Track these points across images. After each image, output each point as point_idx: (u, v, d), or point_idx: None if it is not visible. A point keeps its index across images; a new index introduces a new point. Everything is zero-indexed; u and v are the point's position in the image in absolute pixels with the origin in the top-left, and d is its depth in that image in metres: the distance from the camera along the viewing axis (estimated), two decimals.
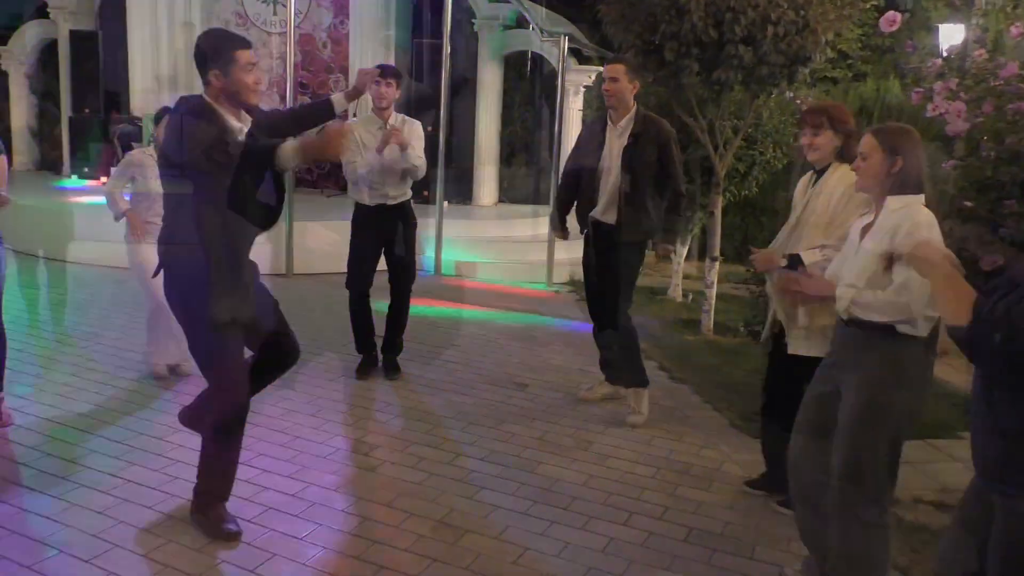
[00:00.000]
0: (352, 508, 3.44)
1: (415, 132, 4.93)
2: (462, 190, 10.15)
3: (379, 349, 5.15)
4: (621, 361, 4.74)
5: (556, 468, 3.93)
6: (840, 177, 3.28)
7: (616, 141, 4.47)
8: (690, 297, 7.79)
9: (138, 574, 2.87)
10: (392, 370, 5.10)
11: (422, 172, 4.99)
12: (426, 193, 8.78)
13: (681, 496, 3.73)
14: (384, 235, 4.96)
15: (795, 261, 3.27)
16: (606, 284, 4.67)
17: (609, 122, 4.53)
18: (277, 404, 4.50)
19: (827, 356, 2.96)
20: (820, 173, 3.38)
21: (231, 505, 3.22)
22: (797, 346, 3.36)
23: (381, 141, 4.76)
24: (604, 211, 4.51)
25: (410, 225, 5.07)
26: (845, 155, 3.25)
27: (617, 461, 4.06)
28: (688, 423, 4.63)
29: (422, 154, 4.94)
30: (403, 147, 4.76)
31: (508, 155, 10.47)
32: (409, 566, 3.03)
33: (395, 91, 4.86)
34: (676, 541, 3.34)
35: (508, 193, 10.56)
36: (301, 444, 4.04)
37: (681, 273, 7.93)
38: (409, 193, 5.07)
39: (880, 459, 2.69)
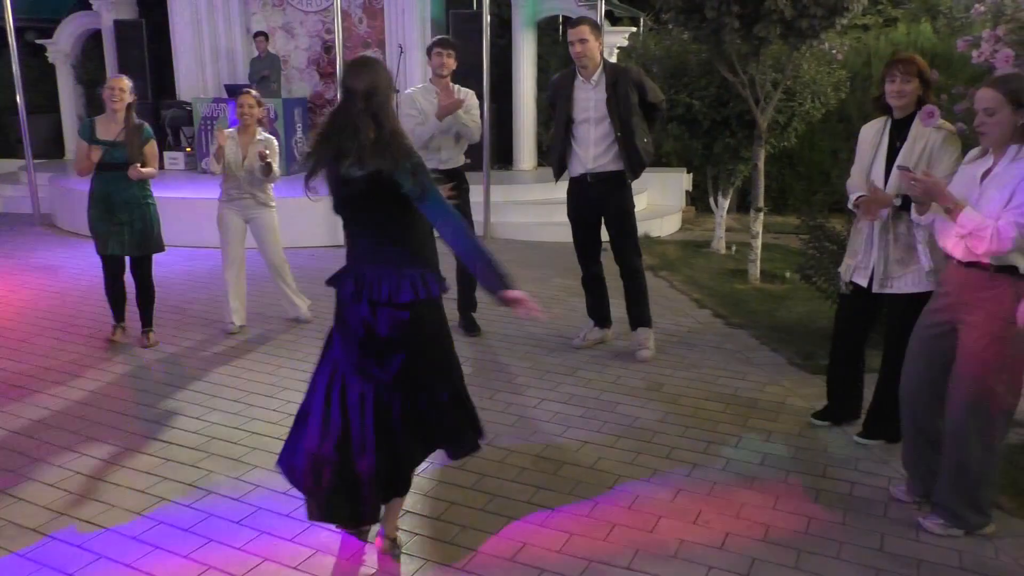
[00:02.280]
0: None
1: (472, 100, 5.23)
2: (502, 155, 10.41)
3: (458, 308, 5.51)
4: (634, 302, 5.08)
5: (633, 407, 4.26)
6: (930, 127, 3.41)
7: (591, 94, 4.80)
8: (734, 249, 8.04)
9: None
10: (473, 327, 5.48)
11: (477, 135, 5.30)
12: (469, 160, 9.05)
13: (752, 427, 4.05)
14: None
15: (907, 202, 3.38)
16: (611, 232, 5.03)
17: (580, 78, 4.86)
18: None
19: (938, 296, 3.14)
20: (900, 124, 3.52)
21: None
22: (912, 287, 3.54)
23: (443, 108, 5.05)
24: (595, 160, 4.83)
25: (463, 190, 5.37)
26: (922, 104, 3.43)
27: (688, 399, 4.38)
28: (749, 363, 4.93)
29: (478, 120, 5.25)
30: (458, 110, 5.06)
31: (546, 119, 10.67)
32: (517, 493, 3.39)
33: (454, 61, 5.17)
34: (752, 465, 3.66)
35: (547, 156, 10.79)
36: None
37: (724, 226, 8.16)
38: (463, 159, 5.37)
39: (1001, 390, 2.94)
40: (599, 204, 4.98)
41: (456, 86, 5.31)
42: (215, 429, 4.01)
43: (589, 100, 4.81)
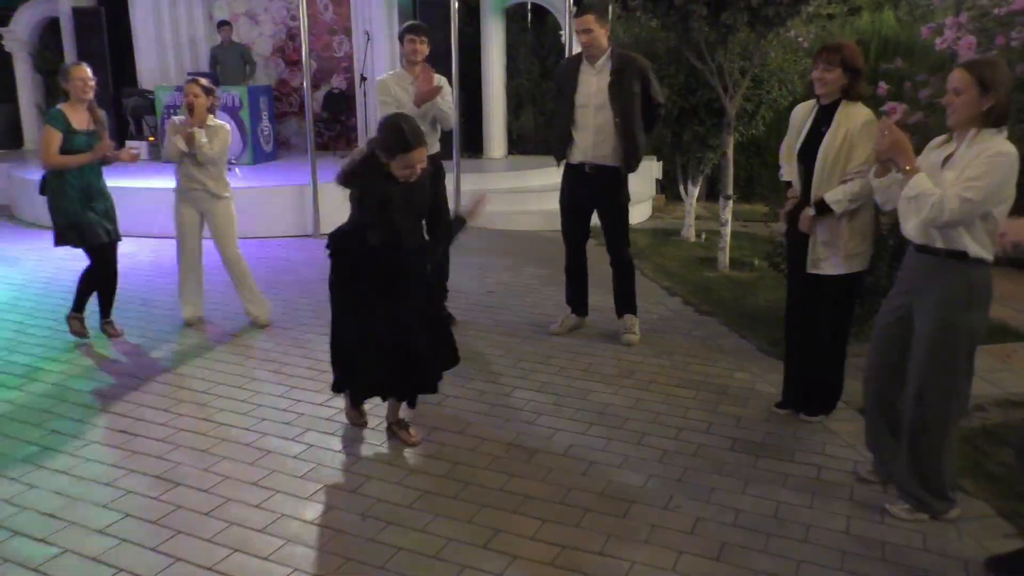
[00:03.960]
0: (428, 437, 3.79)
1: (446, 87, 5.20)
2: (472, 144, 10.36)
3: None
4: (627, 289, 5.13)
5: (605, 394, 4.28)
6: (851, 114, 3.52)
7: (595, 80, 4.80)
8: (703, 236, 8.09)
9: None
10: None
11: (451, 122, 5.27)
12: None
13: (722, 412, 4.09)
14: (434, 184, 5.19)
15: (822, 208, 3.55)
16: (604, 223, 5.03)
17: (585, 63, 4.85)
18: None
19: (897, 282, 3.21)
20: (827, 109, 3.62)
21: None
22: (835, 268, 3.66)
23: (421, 95, 5.00)
24: (595, 147, 4.83)
25: (439, 177, 5.35)
26: (851, 92, 3.54)
27: (659, 385, 4.41)
28: (719, 350, 4.98)
29: (452, 106, 5.22)
30: (432, 97, 5.02)
31: (516, 107, 10.65)
32: (491, 480, 3.39)
33: (427, 47, 5.14)
34: (722, 450, 3.70)
35: (518, 145, 10.78)
36: None
37: (694, 214, 8.21)
38: (438, 146, 5.32)
39: (955, 374, 3.00)
40: (595, 195, 4.96)
41: (436, 75, 5.27)
42: (182, 421, 3.96)
43: (592, 85, 4.78)
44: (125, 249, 5.26)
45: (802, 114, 3.79)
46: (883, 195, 3.20)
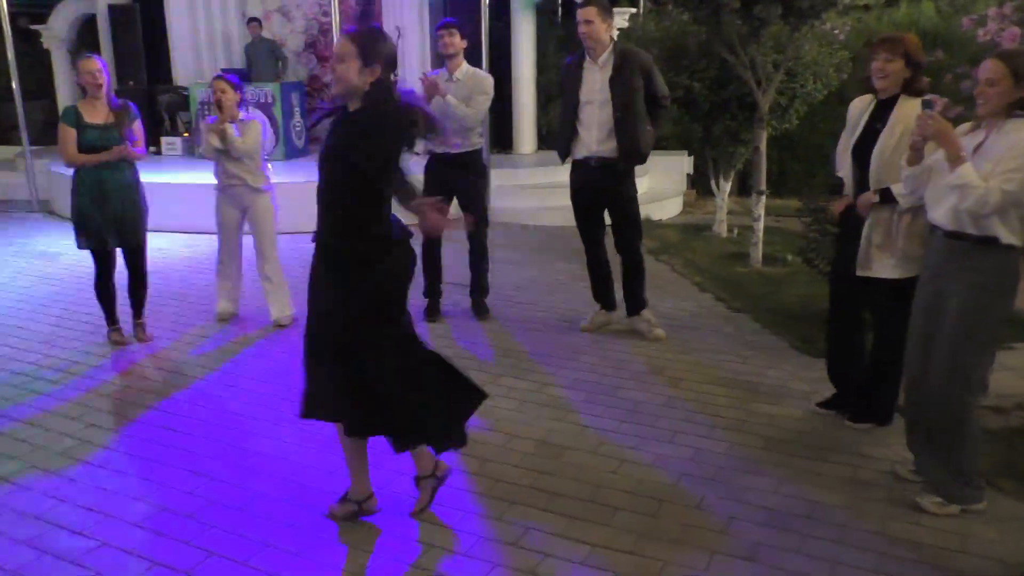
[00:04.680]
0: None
1: (480, 85, 5.18)
2: (502, 139, 10.35)
3: (470, 293, 5.57)
4: (636, 286, 5.09)
5: (636, 392, 4.25)
6: (909, 112, 3.38)
7: (598, 76, 4.78)
8: (735, 232, 8.01)
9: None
10: (483, 311, 5.49)
11: (469, 120, 5.19)
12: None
13: (754, 411, 4.04)
14: (449, 183, 5.18)
15: (886, 195, 3.44)
16: (613, 217, 5.01)
17: (588, 59, 4.83)
18: None
19: (925, 269, 3.17)
20: (884, 104, 3.51)
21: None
22: (889, 271, 3.54)
23: (426, 93, 5.02)
24: (600, 143, 4.80)
25: (477, 173, 5.34)
26: (911, 88, 3.41)
27: (691, 383, 4.37)
28: (751, 347, 4.92)
29: (480, 105, 5.19)
30: (432, 96, 5.01)
31: (545, 102, 10.61)
32: (520, 478, 3.38)
33: (460, 40, 5.14)
34: (755, 449, 3.66)
35: (547, 140, 10.74)
36: None
37: (726, 209, 8.13)
38: (469, 145, 5.31)
39: (980, 357, 2.98)
40: (601, 189, 4.95)
41: (472, 69, 5.28)
42: (215, 415, 4.00)
43: (595, 82, 4.77)
44: (158, 244, 5.33)
45: (858, 110, 3.67)
46: (912, 183, 3.15)
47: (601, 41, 4.75)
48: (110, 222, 4.79)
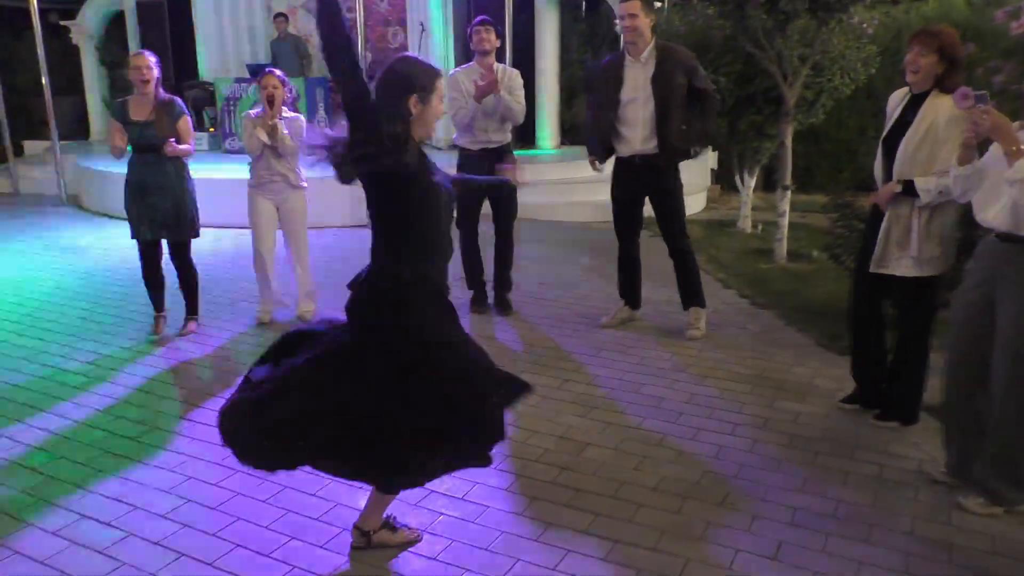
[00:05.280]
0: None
1: (516, 81, 5.20)
2: (524, 134, 10.31)
3: (493, 287, 5.58)
4: (686, 280, 5.04)
5: (659, 388, 4.23)
6: (938, 106, 3.35)
7: (640, 73, 4.70)
8: (760, 228, 7.94)
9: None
10: (506, 306, 5.51)
11: (521, 116, 5.28)
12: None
13: (779, 408, 4.01)
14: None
15: (909, 188, 3.41)
16: (659, 214, 4.96)
17: (629, 56, 4.75)
18: None
19: (974, 272, 3.10)
20: (918, 99, 3.46)
21: None
22: (905, 270, 3.53)
23: (479, 91, 5.03)
24: (644, 141, 4.74)
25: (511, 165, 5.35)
26: (945, 83, 3.34)
27: (714, 380, 4.35)
28: (776, 344, 4.88)
29: (522, 100, 5.23)
30: (495, 92, 5.05)
31: (568, 97, 10.57)
32: (542, 473, 3.38)
33: (496, 38, 5.16)
34: (780, 447, 3.63)
35: (570, 135, 10.71)
36: None
37: (750, 204, 8.06)
38: (508, 138, 5.35)
39: None
40: (646, 185, 4.90)
41: (501, 65, 5.30)
42: None
43: (637, 79, 4.70)
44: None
45: (895, 102, 3.63)
46: (963, 183, 3.06)
47: (644, 36, 4.69)
48: (147, 215, 4.88)
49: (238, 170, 5.39)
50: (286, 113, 5.19)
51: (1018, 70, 4.63)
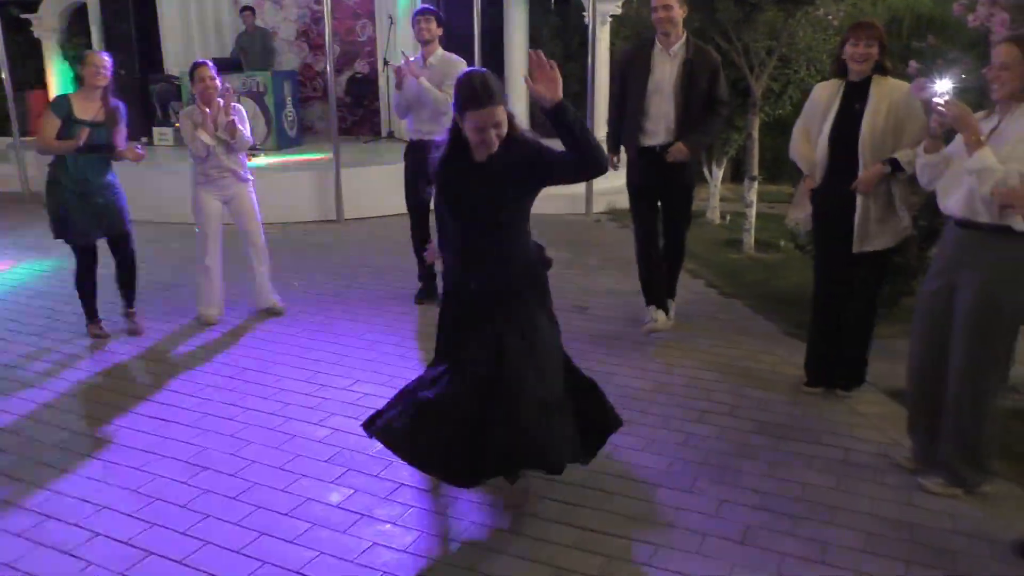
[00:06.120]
0: None
1: (451, 69, 5.13)
2: None
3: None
4: (672, 277, 5.05)
5: (628, 378, 4.27)
6: (891, 87, 3.56)
7: (668, 65, 4.62)
8: (728, 218, 8.01)
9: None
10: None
11: (441, 106, 5.11)
12: None
13: (746, 396, 4.06)
14: (426, 169, 5.16)
15: (895, 164, 3.54)
16: (670, 207, 4.87)
17: (659, 46, 4.64)
18: (363, 336, 4.89)
19: (937, 258, 3.19)
20: (858, 86, 3.62)
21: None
22: (885, 243, 3.69)
23: (396, 79, 5.12)
24: (667, 133, 4.64)
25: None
26: (882, 68, 3.58)
27: (683, 369, 4.39)
28: (744, 333, 4.94)
29: (450, 89, 5.17)
30: (402, 80, 5.09)
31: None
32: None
33: (435, 27, 5.18)
34: (747, 433, 3.68)
35: (541, 127, 10.71)
36: (393, 370, 4.41)
37: (718, 195, 8.13)
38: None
39: (999, 349, 2.99)
40: (666, 177, 4.74)
41: (446, 55, 5.28)
42: (208, 406, 4.01)
43: (666, 71, 4.60)
44: (148, 235, 5.30)
45: (827, 94, 3.73)
46: (930, 171, 3.13)
47: (678, 28, 4.61)
48: (94, 216, 4.74)
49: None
50: (230, 106, 5.07)
51: (978, 63, 4.71)
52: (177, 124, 10.40)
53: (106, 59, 4.71)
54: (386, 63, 9.79)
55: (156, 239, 7.21)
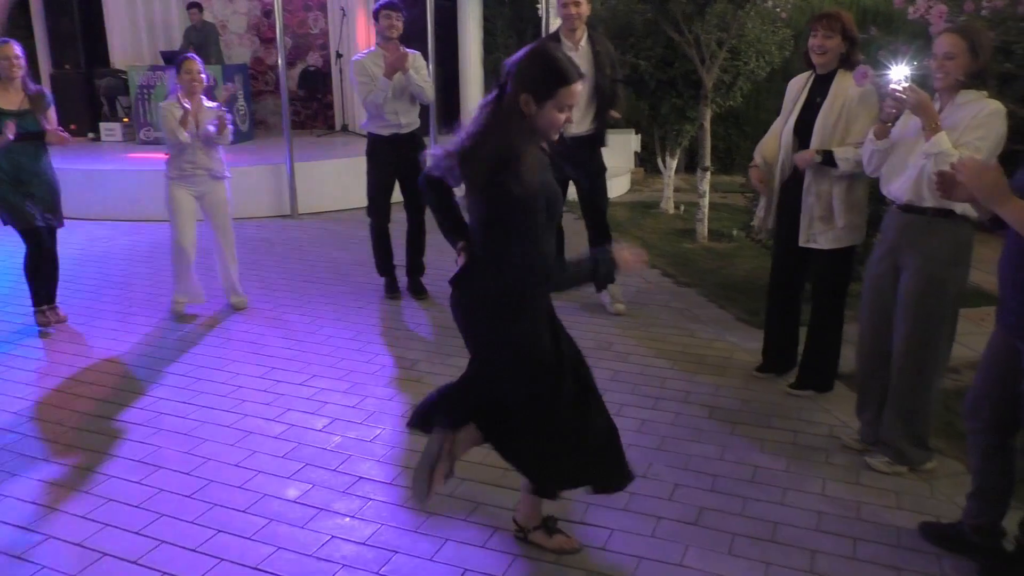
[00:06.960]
0: (409, 413, 3.80)
1: (419, 62, 5.21)
2: (449, 118, 10.28)
3: (406, 272, 5.59)
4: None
5: None
6: (848, 84, 3.49)
7: (577, 59, 4.71)
8: (682, 208, 8.12)
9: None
10: (420, 291, 5.51)
11: (430, 95, 5.31)
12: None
13: (699, 382, 4.14)
14: (399, 163, 5.24)
15: (828, 158, 3.50)
16: (596, 191, 5.14)
17: (567, 42, 4.88)
18: (318, 332, 4.86)
19: (881, 243, 3.24)
20: (823, 80, 3.61)
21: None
22: (830, 243, 3.64)
23: (388, 65, 5.03)
24: (578, 124, 4.82)
25: (422, 149, 5.35)
26: (848, 62, 3.51)
27: (637, 357, 4.45)
28: (697, 321, 5.02)
29: (429, 80, 5.25)
30: (403, 68, 5.06)
31: (493, 82, 10.58)
32: (471, 454, 3.39)
33: (401, 24, 5.16)
34: (700, 418, 3.75)
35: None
36: (348, 364, 4.40)
37: (672, 186, 8.23)
38: (418, 122, 5.34)
39: (941, 330, 3.08)
40: (577, 167, 4.88)
41: (406, 49, 5.27)
42: (162, 404, 3.96)
43: (579, 64, 4.75)
44: (99, 233, 5.21)
45: (798, 86, 3.75)
46: (879, 157, 3.17)
47: (583, 23, 4.85)
48: (36, 203, 4.76)
49: (154, 161, 5.23)
50: (207, 103, 5.09)
51: (919, 54, 4.85)
52: (125, 119, 10.21)
53: (16, 49, 4.69)
54: (339, 56, 9.70)
55: (104, 236, 7.06)
